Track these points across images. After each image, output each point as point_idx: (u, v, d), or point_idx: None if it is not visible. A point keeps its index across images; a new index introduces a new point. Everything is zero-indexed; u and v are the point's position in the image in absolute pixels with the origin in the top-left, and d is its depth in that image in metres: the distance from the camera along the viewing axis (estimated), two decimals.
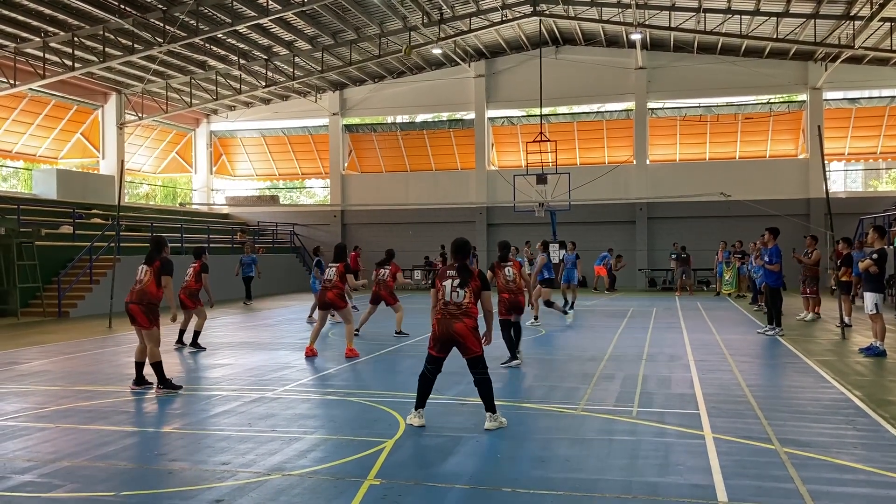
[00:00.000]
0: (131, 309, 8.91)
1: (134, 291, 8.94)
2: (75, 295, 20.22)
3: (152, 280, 8.90)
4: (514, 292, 10.85)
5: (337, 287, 11.44)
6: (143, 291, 8.88)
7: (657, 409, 7.64)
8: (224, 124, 35.23)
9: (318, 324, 11.81)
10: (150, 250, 9.19)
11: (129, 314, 8.98)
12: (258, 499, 5.04)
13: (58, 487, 5.32)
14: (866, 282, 11.41)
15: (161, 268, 8.95)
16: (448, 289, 6.92)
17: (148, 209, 31.27)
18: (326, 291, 11.46)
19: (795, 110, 30.04)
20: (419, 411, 7.02)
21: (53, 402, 8.34)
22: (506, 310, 10.87)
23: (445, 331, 6.84)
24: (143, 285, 8.90)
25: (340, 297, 11.50)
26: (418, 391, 7.04)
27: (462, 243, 7.15)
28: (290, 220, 34.03)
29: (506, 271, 10.98)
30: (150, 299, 8.88)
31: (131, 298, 8.93)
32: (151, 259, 9.05)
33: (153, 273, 8.92)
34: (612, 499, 4.98)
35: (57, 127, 27.96)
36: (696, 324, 16.04)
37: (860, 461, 5.76)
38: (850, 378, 9.34)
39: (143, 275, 8.99)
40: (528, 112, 32.56)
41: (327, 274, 11.61)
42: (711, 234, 28.56)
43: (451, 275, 6.98)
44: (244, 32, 24.88)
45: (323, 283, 11.63)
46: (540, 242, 16.53)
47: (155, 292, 8.91)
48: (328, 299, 11.43)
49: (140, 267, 9.12)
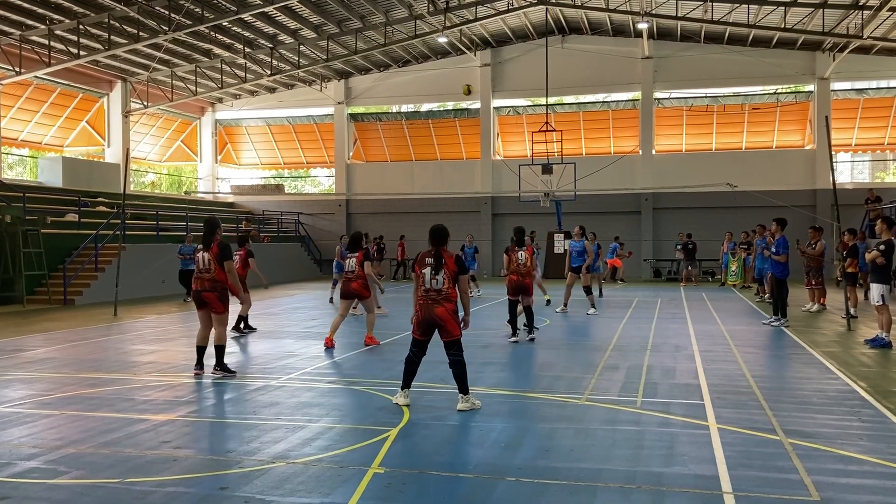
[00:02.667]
0: (206, 297, 9.06)
1: (204, 280, 9.04)
2: (81, 283, 20.28)
3: (217, 267, 9.05)
4: (522, 275, 11.73)
5: (360, 277, 11.38)
6: (214, 280, 9.05)
7: (662, 400, 7.63)
8: (229, 113, 35.21)
9: (340, 315, 11.61)
10: (204, 233, 9.24)
11: (201, 301, 9.10)
12: (262, 486, 5.05)
13: (63, 474, 5.33)
14: (873, 273, 11.36)
15: (220, 255, 9.05)
16: (427, 276, 7.19)
17: (153, 197, 31.29)
18: (350, 282, 11.35)
19: (803, 101, 29.89)
20: (405, 391, 7.37)
21: (59, 390, 8.37)
22: (513, 291, 11.81)
23: (427, 315, 7.17)
24: (212, 274, 9.04)
25: (364, 286, 11.42)
26: (404, 372, 7.38)
27: (438, 230, 7.34)
28: (294, 210, 34.03)
29: (519, 255, 11.78)
30: (222, 285, 9.10)
31: (203, 287, 9.05)
32: (208, 242, 9.11)
33: (216, 260, 9.03)
34: (615, 489, 4.97)
35: (62, 115, 27.98)
36: (700, 314, 16.01)
37: (865, 452, 5.74)
38: (856, 369, 9.31)
39: (206, 263, 9.07)
40: (533, 102, 32.47)
41: (348, 265, 11.47)
42: (717, 225, 28.48)
43: (429, 262, 7.21)
44: (249, 20, 24.83)
45: (345, 274, 11.51)
46: (578, 227, 17.19)
47: (225, 277, 9.09)
48: (352, 289, 11.34)
49: (200, 255, 9.15)
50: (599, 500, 4.78)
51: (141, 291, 21.24)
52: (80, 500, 4.81)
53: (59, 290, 19.75)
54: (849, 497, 4.79)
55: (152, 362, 10.17)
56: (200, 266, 9.12)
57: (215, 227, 9.19)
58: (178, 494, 4.92)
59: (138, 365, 10.04)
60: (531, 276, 11.90)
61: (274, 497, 4.85)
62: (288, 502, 4.76)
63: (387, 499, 4.83)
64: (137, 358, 10.69)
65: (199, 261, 9.14)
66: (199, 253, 9.21)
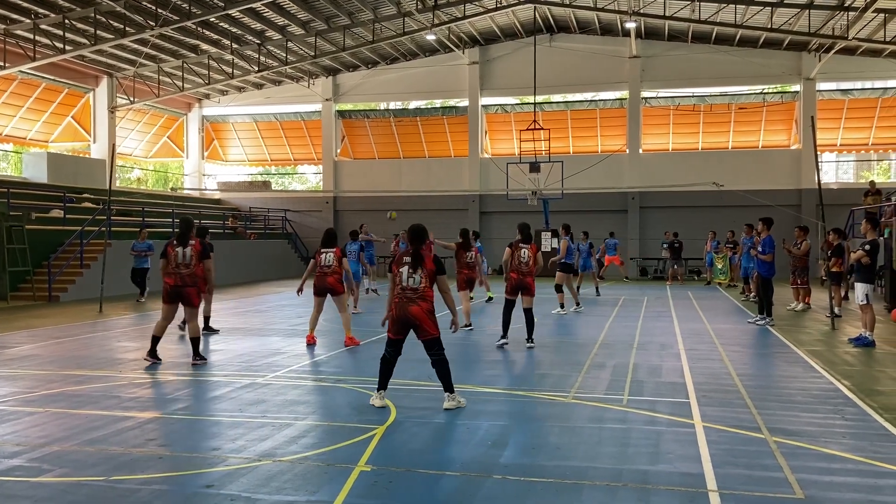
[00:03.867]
0: (187, 292, 9.61)
1: (184, 276, 9.59)
2: (65, 279, 20.13)
3: (198, 263, 9.69)
4: (524, 274, 11.15)
5: (336, 272, 11.36)
6: (193, 275, 9.65)
7: (648, 398, 7.66)
8: (216, 109, 35.03)
9: (315, 310, 11.56)
10: (182, 231, 9.83)
11: (178, 296, 9.63)
12: (248, 484, 5.03)
13: (46, 472, 5.30)
14: (857, 272, 11.45)
15: (203, 252, 9.81)
16: (405, 274, 7.13)
17: (139, 194, 31.09)
18: (326, 277, 11.32)
19: (789, 101, 30.06)
20: (381, 393, 7.26)
21: (43, 387, 8.31)
22: (512, 289, 11.19)
23: (402, 314, 7.10)
24: (191, 269, 9.62)
25: (340, 281, 11.41)
26: (380, 373, 7.28)
27: (418, 230, 7.28)
28: (282, 206, 33.91)
29: (522, 252, 11.23)
30: (199, 280, 9.77)
31: (184, 282, 9.58)
32: (186, 239, 9.68)
33: (198, 257, 9.68)
34: (602, 486, 4.99)
35: (47, 110, 27.73)
36: (686, 313, 16.08)
37: (848, 450, 5.79)
38: (840, 368, 9.38)
39: (187, 259, 9.60)
40: (521, 100, 32.49)
41: (325, 260, 11.41)
42: (703, 224, 28.57)
43: (407, 261, 7.16)
44: (237, 16, 24.71)
45: (321, 269, 11.46)
46: (562, 226, 17.04)
47: (202, 273, 9.85)
48: (328, 284, 11.30)
49: (178, 250, 9.64)
50: (586, 497, 4.80)
51: (126, 288, 21.09)
52: (64, 499, 4.78)
53: (44, 287, 19.60)
54: (832, 495, 4.83)
55: (138, 359, 10.10)
56: (179, 261, 9.60)
57: (192, 226, 9.90)
58: (164, 492, 4.89)
59: (123, 362, 9.99)
60: (533, 275, 11.31)
61: (260, 495, 4.83)
62: (274, 500, 4.75)
63: (373, 497, 4.83)
64: (123, 355, 10.63)
65: (178, 256, 9.62)
66: (175, 249, 9.67)
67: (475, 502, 4.75)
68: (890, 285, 16.22)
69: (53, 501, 4.74)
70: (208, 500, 4.76)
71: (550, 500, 4.75)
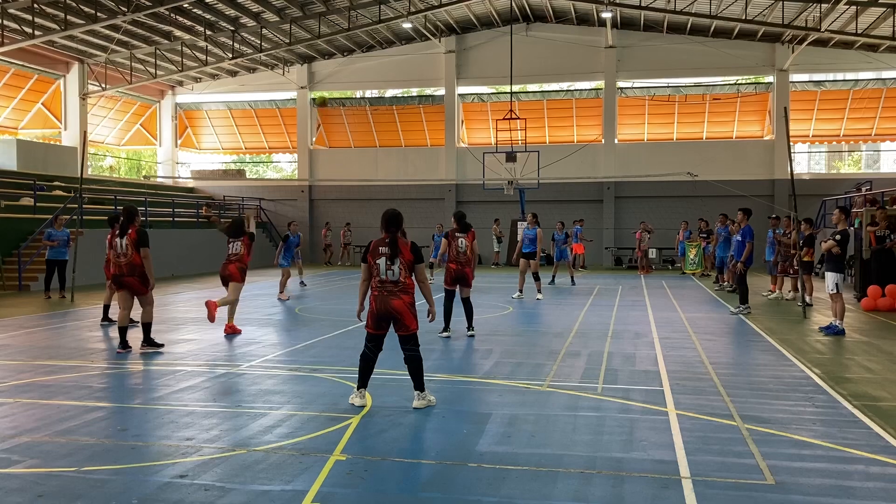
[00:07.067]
0: (128, 282, 9.64)
1: (122, 265, 9.60)
2: (36, 268, 19.82)
3: (134, 252, 9.60)
4: (462, 263, 11.11)
5: (241, 260, 11.29)
6: (132, 264, 9.61)
7: (622, 386, 7.72)
8: (190, 96, 34.64)
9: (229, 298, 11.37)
10: (122, 221, 9.72)
11: (121, 286, 9.70)
12: (222, 474, 5.00)
13: (17, 463, 5.23)
14: (828, 262, 11.60)
15: (139, 240, 9.62)
16: (382, 266, 6.69)
17: (111, 182, 30.70)
18: (229, 264, 11.24)
19: (762, 91, 30.33)
20: (361, 391, 6.91)
21: (13, 377, 8.19)
22: (451, 280, 11.15)
23: (383, 307, 6.69)
24: (129, 258, 9.59)
25: (241, 270, 11.30)
26: (360, 370, 6.90)
27: (393, 215, 6.82)
28: (256, 195, 33.67)
29: (459, 242, 11.16)
30: (140, 269, 9.64)
31: (122, 272, 9.62)
32: (125, 230, 9.61)
33: (133, 245, 9.56)
34: (576, 474, 5.02)
35: (17, 96, 27.27)
36: (660, 302, 16.21)
37: (818, 437, 5.88)
38: (810, 356, 9.51)
39: (123, 248, 9.59)
40: (498, 89, 32.47)
41: (233, 248, 11.32)
42: (678, 214, 28.86)
43: (384, 251, 6.71)
44: (210, 2, 24.44)
45: (228, 256, 11.33)
46: (531, 215, 17.23)
47: (140, 262, 9.64)
48: (230, 271, 11.21)
49: (117, 240, 9.66)
50: (560, 485, 4.83)
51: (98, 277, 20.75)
52: (35, 490, 4.72)
53: (14, 276, 19.32)
54: (802, 480, 4.90)
55: (109, 349, 10.00)
56: (118, 251, 9.64)
57: (133, 216, 9.80)
58: (137, 482, 4.85)
59: (95, 352, 9.88)
60: (471, 265, 11.21)
61: (234, 485, 4.81)
62: (249, 490, 4.72)
63: (348, 486, 4.82)
64: (94, 345, 10.51)
65: (116, 246, 9.68)
66: (114, 238, 9.77)
67: (451, 490, 4.76)
68: (859, 274, 16.46)
69: (23, 493, 4.68)
70: (182, 490, 4.72)
71: (526, 488, 4.77)
